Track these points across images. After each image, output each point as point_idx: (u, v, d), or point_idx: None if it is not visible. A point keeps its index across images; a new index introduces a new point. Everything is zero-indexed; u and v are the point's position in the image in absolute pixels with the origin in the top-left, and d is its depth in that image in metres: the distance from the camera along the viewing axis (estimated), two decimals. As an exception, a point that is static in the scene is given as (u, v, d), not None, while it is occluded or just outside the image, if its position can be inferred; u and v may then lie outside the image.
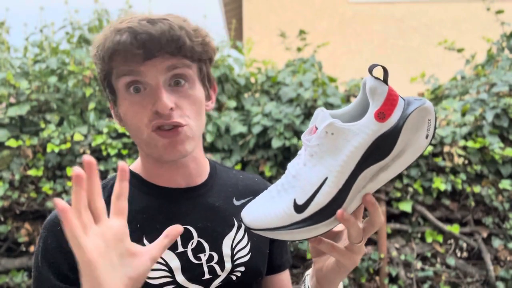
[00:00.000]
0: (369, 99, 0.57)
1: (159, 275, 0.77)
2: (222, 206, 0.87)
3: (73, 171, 0.52)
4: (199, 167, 0.86)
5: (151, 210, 0.81)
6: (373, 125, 0.56)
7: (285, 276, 0.98)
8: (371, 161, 0.57)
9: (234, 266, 0.83)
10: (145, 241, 0.78)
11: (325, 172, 0.57)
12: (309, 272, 0.77)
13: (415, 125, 0.57)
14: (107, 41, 0.72)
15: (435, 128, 0.58)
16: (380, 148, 0.56)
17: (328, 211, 0.58)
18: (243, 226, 0.87)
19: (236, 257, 0.84)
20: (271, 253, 0.93)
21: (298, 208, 0.58)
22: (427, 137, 0.58)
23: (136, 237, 0.77)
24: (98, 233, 0.55)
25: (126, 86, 0.74)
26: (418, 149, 0.58)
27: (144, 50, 0.70)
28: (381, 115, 0.56)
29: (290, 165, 0.62)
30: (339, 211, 0.58)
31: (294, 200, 0.59)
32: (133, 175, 0.85)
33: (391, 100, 0.56)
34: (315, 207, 0.58)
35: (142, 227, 0.79)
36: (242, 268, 0.84)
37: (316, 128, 0.59)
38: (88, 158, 0.55)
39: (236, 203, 0.89)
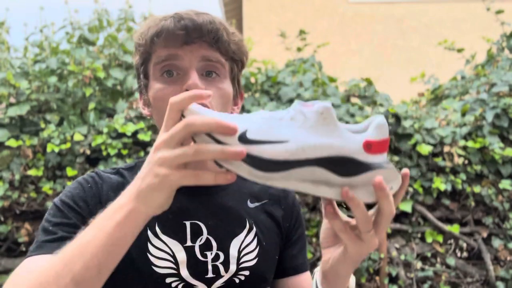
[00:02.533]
0: (370, 128, 0.57)
1: (165, 265, 0.77)
2: (235, 207, 0.86)
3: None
4: (216, 167, 0.86)
5: None
6: (357, 146, 0.56)
7: (303, 278, 0.95)
8: (328, 166, 0.55)
9: (239, 269, 0.82)
10: (157, 228, 0.79)
11: (291, 137, 0.55)
12: (317, 268, 0.75)
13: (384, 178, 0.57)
14: (151, 27, 0.77)
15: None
16: (343, 166, 0.55)
17: (262, 164, 0.54)
18: (253, 230, 0.86)
19: (242, 260, 0.83)
20: (287, 255, 0.92)
21: (243, 139, 0.53)
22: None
23: (149, 223, 0.78)
24: None
25: (161, 70, 0.78)
26: (367, 196, 0.57)
27: (185, 32, 0.75)
28: (369, 146, 0.56)
29: (272, 111, 0.59)
30: (344, 189, 0.55)
31: (246, 129, 0.54)
32: None
33: (383, 146, 0.57)
34: (257, 151, 0.53)
35: (156, 215, 0.80)
36: (246, 272, 0.83)
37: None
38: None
39: (250, 205, 0.89)
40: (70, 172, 2.43)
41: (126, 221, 0.58)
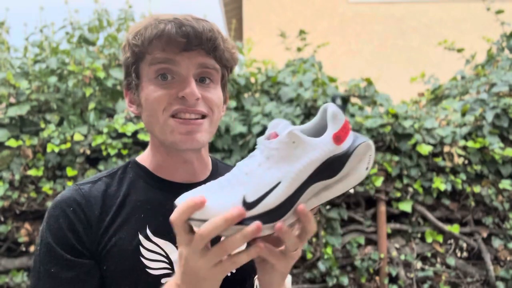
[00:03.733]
0: (328, 122, 0.62)
1: (159, 266, 0.79)
2: None
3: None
4: (202, 165, 0.89)
5: (155, 202, 0.83)
6: (330, 145, 0.61)
7: None
8: (321, 177, 0.61)
9: None
10: (148, 231, 0.80)
11: (280, 176, 0.59)
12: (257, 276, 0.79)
13: (360, 156, 0.63)
14: (149, 28, 0.76)
15: (373, 164, 0.66)
16: (331, 167, 0.61)
17: (274, 214, 0.59)
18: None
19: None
20: None
21: (247, 205, 0.58)
22: (367, 168, 0.64)
23: (140, 227, 0.80)
24: None
25: (156, 72, 0.78)
26: (359, 177, 0.64)
27: (186, 40, 0.75)
28: (338, 138, 0.61)
29: (241, 163, 0.63)
30: (277, 224, 0.59)
31: (244, 196, 0.58)
32: (139, 166, 0.88)
33: (346, 129, 0.63)
34: (264, 207, 0.59)
35: (146, 218, 0.81)
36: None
37: (277, 134, 0.61)
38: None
39: None
40: (70, 172, 2.43)
41: None
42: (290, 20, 6.84)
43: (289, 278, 0.77)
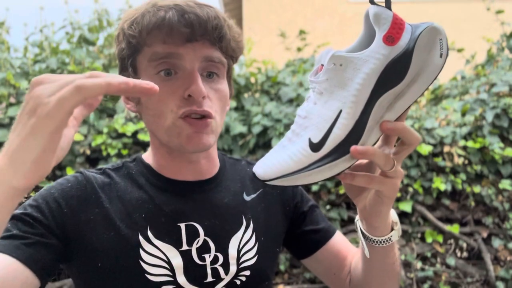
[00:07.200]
0: (374, 25, 0.54)
1: (160, 272, 0.73)
2: (231, 203, 0.83)
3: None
4: (209, 163, 0.84)
5: (157, 201, 0.78)
6: (383, 50, 0.53)
7: (336, 240, 0.91)
8: (385, 87, 0.54)
9: (239, 270, 0.79)
10: (149, 232, 0.75)
11: (339, 105, 0.53)
12: (357, 217, 0.74)
13: (427, 45, 0.54)
14: (147, 16, 0.68)
15: (448, 47, 0.57)
16: (393, 73, 0.53)
17: (347, 145, 0.54)
18: (251, 225, 0.82)
19: (242, 259, 0.79)
20: (308, 228, 0.89)
21: (314, 147, 0.53)
22: (441, 55, 0.55)
23: (140, 227, 0.75)
24: None
25: (157, 68, 0.71)
26: (435, 69, 0.55)
27: (191, 30, 0.67)
28: (390, 39, 0.53)
29: (298, 110, 0.58)
30: (352, 148, 0.53)
31: (309, 139, 0.54)
32: (144, 164, 0.83)
33: (398, 24, 0.54)
34: (333, 142, 0.53)
35: (147, 218, 0.76)
36: (247, 272, 0.80)
37: (322, 65, 0.55)
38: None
39: (246, 198, 0.86)
40: (70, 172, 2.43)
41: None
42: (290, 20, 6.85)
43: (393, 212, 0.72)
